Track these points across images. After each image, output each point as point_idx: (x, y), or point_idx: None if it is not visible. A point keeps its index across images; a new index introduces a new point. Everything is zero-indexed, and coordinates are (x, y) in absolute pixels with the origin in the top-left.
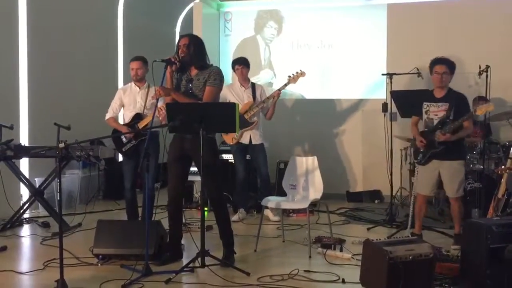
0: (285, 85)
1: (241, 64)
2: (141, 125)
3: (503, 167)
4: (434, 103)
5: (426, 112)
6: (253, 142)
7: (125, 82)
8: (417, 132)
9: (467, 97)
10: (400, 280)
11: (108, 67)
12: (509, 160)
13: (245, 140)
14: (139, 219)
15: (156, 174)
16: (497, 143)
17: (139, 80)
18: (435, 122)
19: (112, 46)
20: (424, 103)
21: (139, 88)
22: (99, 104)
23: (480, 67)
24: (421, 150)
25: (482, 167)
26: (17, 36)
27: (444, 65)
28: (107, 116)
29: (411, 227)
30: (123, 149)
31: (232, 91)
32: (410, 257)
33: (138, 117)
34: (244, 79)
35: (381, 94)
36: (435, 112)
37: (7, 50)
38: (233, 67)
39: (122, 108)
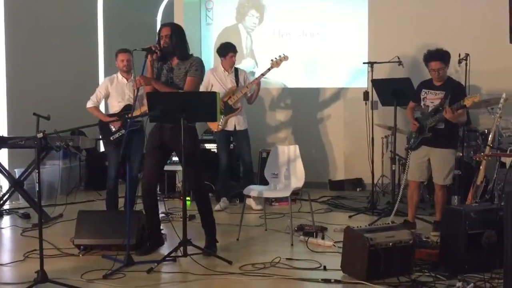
0: (268, 69)
1: (235, 52)
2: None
3: (481, 154)
4: (432, 91)
5: (423, 99)
6: (238, 128)
7: (106, 71)
8: (412, 116)
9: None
10: (380, 266)
11: (89, 56)
12: (487, 147)
13: (230, 126)
14: (118, 209)
15: (141, 164)
16: (476, 131)
17: (128, 71)
18: (430, 109)
19: (93, 34)
20: (423, 90)
21: (127, 80)
22: (79, 94)
23: (459, 55)
24: (413, 136)
25: (461, 154)
26: None
27: (439, 62)
28: (89, 104)
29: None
30: (112, 138)
31: (215, 76)
32: (390, 244)
33: (129, 108)
34: (231, 66)
35: (363, 82)
36: (431, 99)
37: None
38: (224, 54)
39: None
